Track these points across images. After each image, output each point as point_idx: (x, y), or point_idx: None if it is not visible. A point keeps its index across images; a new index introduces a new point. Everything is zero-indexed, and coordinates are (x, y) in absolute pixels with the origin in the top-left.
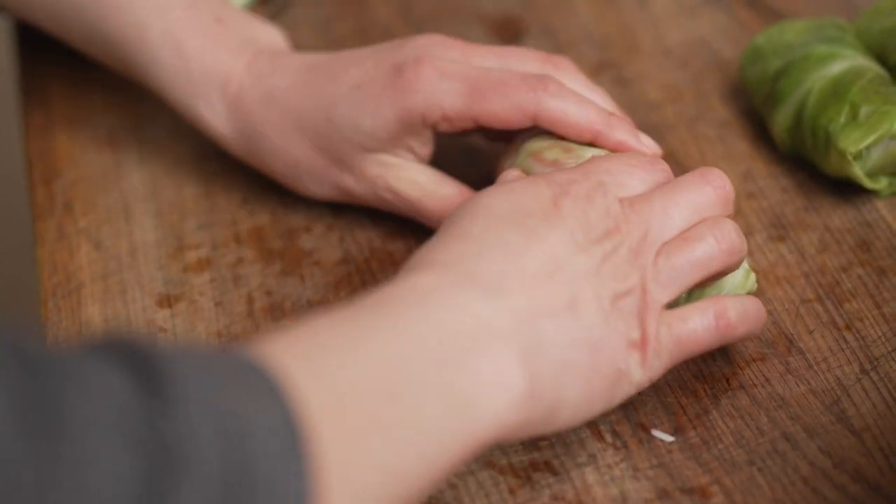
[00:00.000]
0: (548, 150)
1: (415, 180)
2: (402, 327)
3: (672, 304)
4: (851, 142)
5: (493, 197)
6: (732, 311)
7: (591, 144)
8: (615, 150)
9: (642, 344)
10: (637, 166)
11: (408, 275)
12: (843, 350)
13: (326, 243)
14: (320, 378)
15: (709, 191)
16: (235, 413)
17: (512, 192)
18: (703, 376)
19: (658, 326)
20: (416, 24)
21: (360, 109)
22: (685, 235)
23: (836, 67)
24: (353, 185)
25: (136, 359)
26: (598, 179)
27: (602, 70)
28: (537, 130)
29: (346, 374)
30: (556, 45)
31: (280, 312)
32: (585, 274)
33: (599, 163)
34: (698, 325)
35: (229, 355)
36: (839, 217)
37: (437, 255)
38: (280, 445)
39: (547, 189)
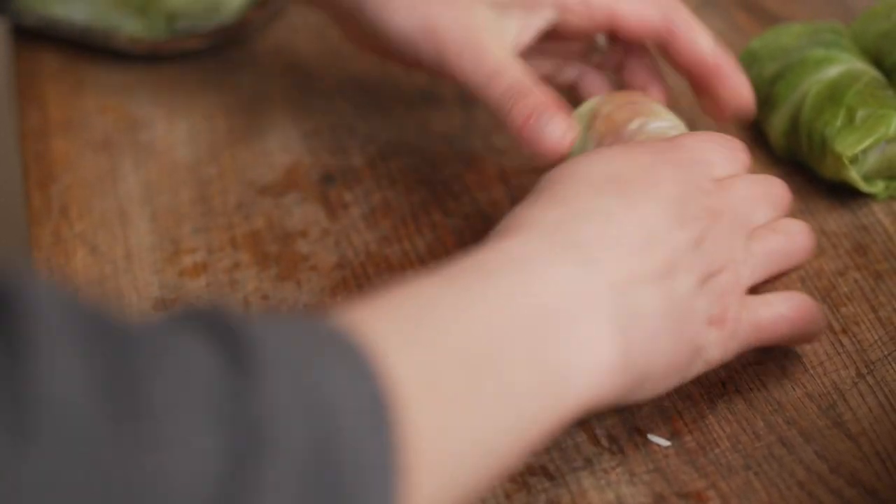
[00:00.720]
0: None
1: (503, 48)
2: (496, 297)
3: None
4: (847, 145)
5: (590, 163)
6: (809, 306)
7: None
8: (707, 77)
9: (722, 323)
10: (723, 146)
11: (502, 239)
12: (839, 354)
13: (322, 248)
14: (411, 349)
15: (780, 192)
16: (321, 388)
17: (610, 159)
18: (700, 380)
19: (740, 309)
20: None
21: None
22: (774, 226)
23: (833, 71)
24: (443, 24)
25: (221, 332)
26: (693, 156)
27: None
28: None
29: (438, 344)
30: None
31: None
32: (681, 248)
33: (687, 139)
34: (781, 312)
35: (316, 326)
36: (835, 221)
37: (533, 219)
38: (367, 419)
39: (646, 157)
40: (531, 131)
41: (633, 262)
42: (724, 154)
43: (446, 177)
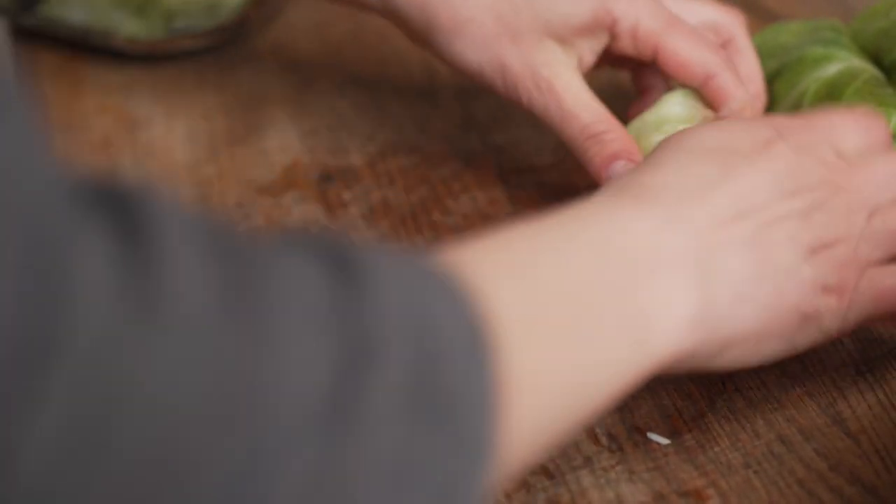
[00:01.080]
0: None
1: (573, 85)
2: (587, 243)
3: None
4: None
5: (703, 132)
6: None
7: None
8: None
9: (840, 292)
10: (859, 122)
11: (598, 195)
12: (838, 352)
13: None
14: (509, 284)
15: None
16: (426, 309)
17: (725, 129)
18: (699, 379)
19: (861, 280)
20: None
21: None
22: None
23: (832, 69)
24: (514, 62)
25: (329, 250)
26: (821, 134)
27: (599, 72)
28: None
29: (535, 282)
30: None
31: None
32: (783, 217)
33: (823, 116)
34: None
35: (419, 258)
36: None
37: (630, 181)
38: (468, 344)
39: (764, 131)
40: (607, 178)
41: (721, 228)
42: (860, 131)
43: (445, 176)
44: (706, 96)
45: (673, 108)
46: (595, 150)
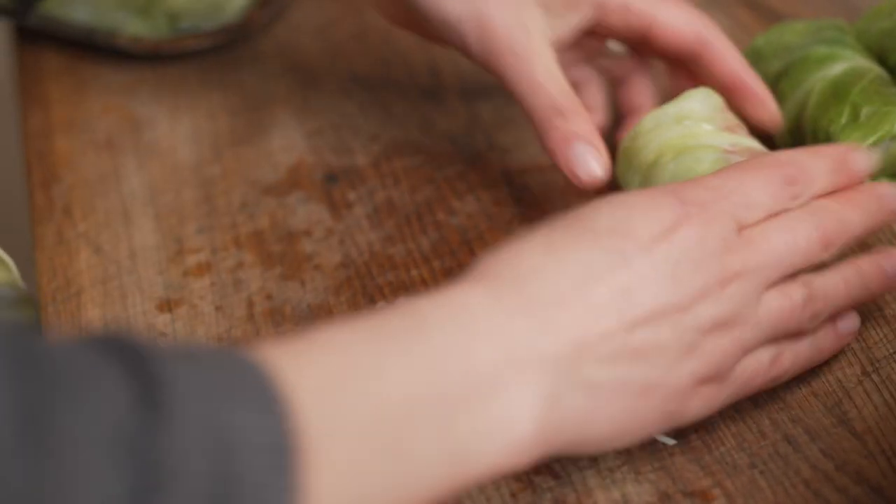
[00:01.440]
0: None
1: (547, 57)
2: (421, 354)
3: None
4: (852, 143)
5: (601, 209)
6: (829, 346)
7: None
8: (735, 92)
9: (717, 381)
10: (770, 182)
11: (458, 284)
12: (844, 352)
13: (326, 247)
14: (323, 396)
15: (832, 226)
16: (228, 425)
17: (625, 207)
18: None
19: (738, 365)
20: None
21: None
22: (805, 280)
23: (837, 68)
24: (494, 18)
25: (136, 363)
26: (728, 201)
27: None
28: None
29: (351, 395)
30: None
31: (280, 316)
32: (672, 312)
33: (733, 175)
34: (785, 366)
35: (232, 361)
36: None
37: (504, 265)
38: (270, 459)
39: (668, 213)
40: (564, 156)
41: (592, 333)
42: (769, 190)
43: (450, 175)
44: (702, 64)
45: (695, 105)
46: (558, 124)
